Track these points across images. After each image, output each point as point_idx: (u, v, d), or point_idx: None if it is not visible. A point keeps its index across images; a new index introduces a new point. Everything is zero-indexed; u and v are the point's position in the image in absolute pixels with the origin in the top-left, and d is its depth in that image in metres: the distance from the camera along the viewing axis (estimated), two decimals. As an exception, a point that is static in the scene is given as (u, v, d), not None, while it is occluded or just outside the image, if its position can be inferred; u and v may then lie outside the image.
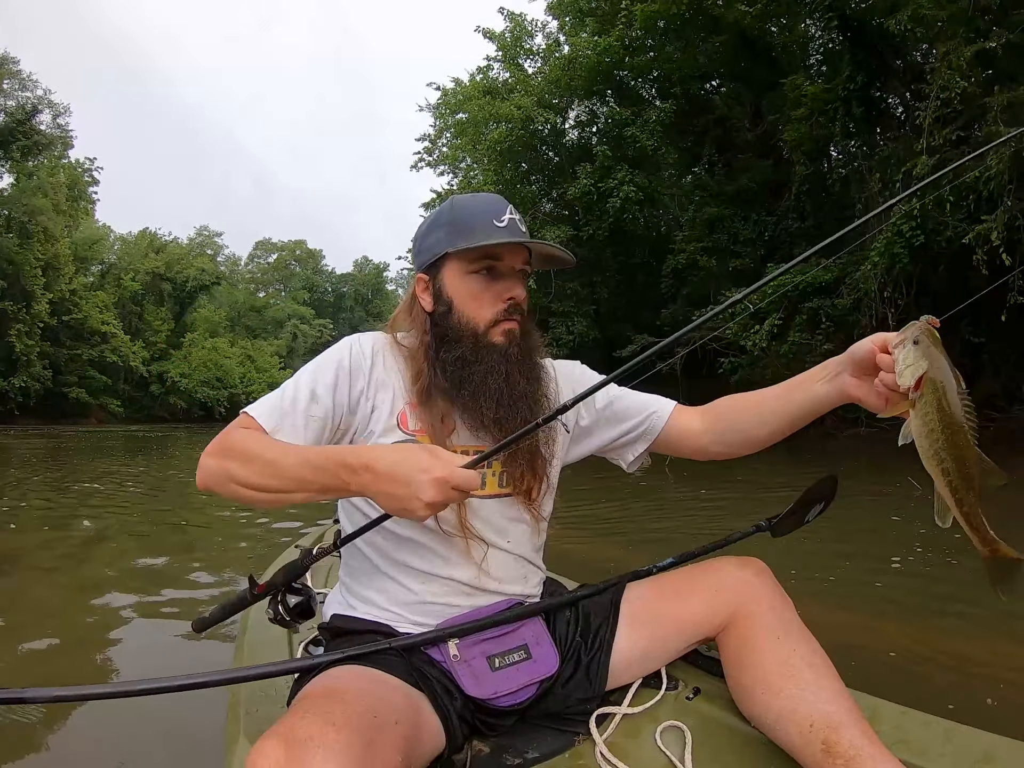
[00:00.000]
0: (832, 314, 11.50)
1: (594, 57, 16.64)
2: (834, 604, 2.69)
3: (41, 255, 35.99)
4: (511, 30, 19.80)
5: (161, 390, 49.11)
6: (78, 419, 39.38)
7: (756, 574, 1.14)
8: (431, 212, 1.26)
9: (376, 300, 76.93)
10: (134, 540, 4.09)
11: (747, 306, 1.27)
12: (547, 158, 19.81)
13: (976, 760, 0.95)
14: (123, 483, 7.47)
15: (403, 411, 1.13)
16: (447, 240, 1.14)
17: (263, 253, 75.12)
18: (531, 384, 1.14)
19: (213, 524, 4.76)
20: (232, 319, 62.90)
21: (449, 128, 21.55)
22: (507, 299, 1.13)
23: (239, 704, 1.13)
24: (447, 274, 1.15)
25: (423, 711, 0.97)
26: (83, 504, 5.46)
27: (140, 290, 49.51)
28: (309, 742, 0.70)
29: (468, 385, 1.10)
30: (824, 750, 0.92)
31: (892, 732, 1.02)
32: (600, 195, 16.18)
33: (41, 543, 4.05)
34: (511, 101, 17.56)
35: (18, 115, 35.86)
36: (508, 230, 1.13)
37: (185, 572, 3.21)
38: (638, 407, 1.32)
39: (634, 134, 15.98)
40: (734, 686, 1.10)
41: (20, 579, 3.10)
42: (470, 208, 1.16)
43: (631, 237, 18.24)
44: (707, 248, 15.44)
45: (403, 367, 1.17)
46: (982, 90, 7.41)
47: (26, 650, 2.15)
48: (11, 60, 35.99)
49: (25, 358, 35.34)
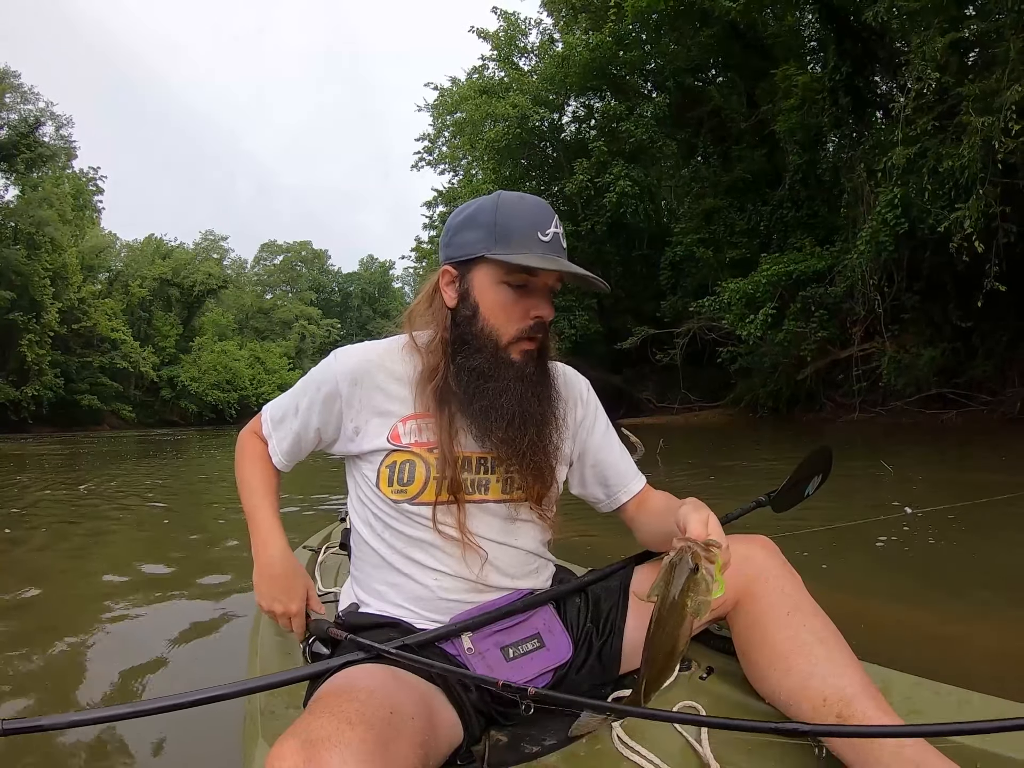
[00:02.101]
0: (826, 302, 11.69)
1: (586, 54, 16.81)
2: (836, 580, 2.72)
3: (49, 265, 36.28)
4: (505, 29, 19.96)
5: (172, 394, 49.49)
6: (91, 426, 39.59)
7: (763, 550, 1.14)
8: (472, 202, 1.17)
9: (383, 298, 76.82)
10: (143, 545, 4.07)
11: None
12: (546, 154, 20.02)
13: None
14: (137, 486, 7.53)
15: (395, 427, 1.13)
16: (485, 242, 1.09)
17: (269, 255, 75.28)
18: (542, 405, 1.13)
19: (228, 524, 4.66)
20: (240, 322, 63.13)
21: (448, 128, 21.72)
22: (534, 317, 1.11)
23: (256, 708, 1.13)
24: (477, 277, 1.11)
25: (439, 705, 0.98)
26: (92, 508, 5.45)
27: (148, 296, 49.93)
28: (326, 742, 0.71)
29: (480, 399, 1.09)
30: (839, 723, 0.94)
31: (905, 703, 1.03)
32: (597, 190, 16.37)
33: (45, 549, 4.02)
34: (507, 100, 17.75)
35: (21, 128, 36.04)
36: (551, 246, 1.09)
37: (196, 576, 3.19)
38: (615, 477, 1.33)
39: (628, 129, 16.14)
40: (746, 664, 1.11)
41: (30, 589, 3.01)
42: (515, 214, 1.10)
43: (631, 229, 18.45)
44: (704, 239, 15.63)
45: (412, 370, 1.15)
46: (954, 79, 7.55)
47: (30, 669, 2.10)
48: (12, 74, 36.21)
49: (37, 367, 35.71)
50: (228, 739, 1.34)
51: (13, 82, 36.14)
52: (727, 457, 8.31)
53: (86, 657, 2.22)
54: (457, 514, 1.11)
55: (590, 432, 1.30)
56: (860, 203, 9.72)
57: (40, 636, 2.39)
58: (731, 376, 15.24)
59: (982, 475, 5.59)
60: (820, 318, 11.73)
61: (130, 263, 51.11)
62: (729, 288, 12.42)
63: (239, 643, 1.82)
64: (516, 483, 1.16)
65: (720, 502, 4.40)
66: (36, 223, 35.62)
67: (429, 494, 1.10)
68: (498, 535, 1.16)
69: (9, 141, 35.56)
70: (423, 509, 1.11)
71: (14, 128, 35.93)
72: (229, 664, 2.00)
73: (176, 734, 1.56)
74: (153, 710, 0.80)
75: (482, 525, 1.14)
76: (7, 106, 35.84)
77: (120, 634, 2.43)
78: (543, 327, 1.13)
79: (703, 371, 16.81)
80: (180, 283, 51.97)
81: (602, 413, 1.35)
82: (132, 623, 2.54)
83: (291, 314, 67.92)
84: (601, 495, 1.34)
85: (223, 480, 7.63)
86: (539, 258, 1.07)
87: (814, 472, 1.53)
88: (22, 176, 36.63)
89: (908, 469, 5.90)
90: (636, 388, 19.83)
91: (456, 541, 1.12)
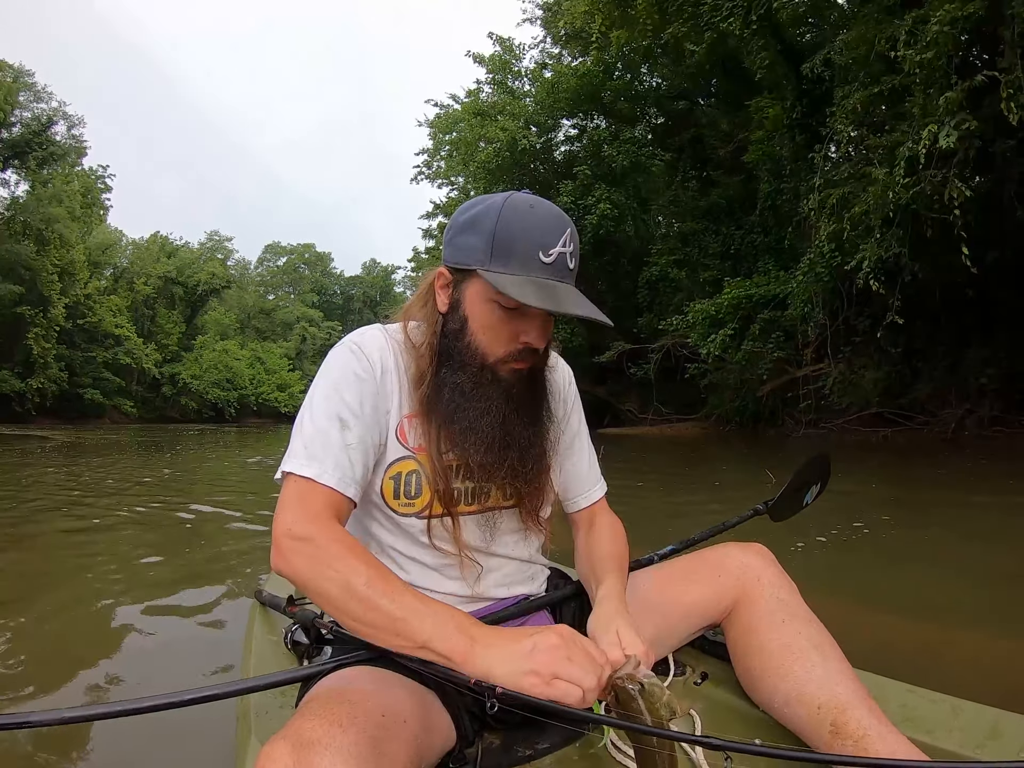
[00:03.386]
0: (783, 324, 12.53)
1: (575, 80, 17.68)
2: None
3: (57, 261, 36.98)
4: (499, 55, 20.88)
5: (173, 391, 50.38)
6: (93, 419, 40.31)
7: (759, 558, 1.14)
8: (481, 199, 1.06)
9: (384, 302, 76.65)
10: (138, 543, 3.97)
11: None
12: (537, 173, 20.84)
13: (984, 735, 0.97)
14: (139, 481, 7.59)
15: (401, 424, 1.07)
16: (481, 254, 0.99)
17: (272, 256, 75.83)
18: (527, 428, 1.06)
19: (226, 525, 4.66)
20: (242, 321, 63.76)
21: (444, 145, 22.52)
22: (523, 342, 1.02)
23: (249, 707, 1.13)
24: (469, 289, 1.03)
25: (432, 708, 0.97)
26: (89, 507, 5.37)
27: (152, 294, 50.78)
28: (317, 744, 0.70)
29: (461, 419, 1.02)
30: (833, 731, 0.93)
31: (900, 710, 1.04)
32: (581, 211, 17.21)
33: (44, 548, 3.96)
34: (498, 124, 18.62)
35: (34, 126, 36.66)
36: (553, 268, 0.99)
37: (191, 576, 3.16)
38: (577, 481, 1.29)
39: (610, 154, 16.98)
40: (741, 670, 1.11)
41: (19, 586, 2.99)
42: (520, 226, 0.99)
43: (616, 246, 19.30)
44: (679, 261, 16.47)
45: (407, 365, 1.09)
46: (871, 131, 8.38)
47: (20, 665, 2.06)
48: (26, 73, 36.79)
49: (42, 360, 36.43)
50: (221, 739, 1.31)
51: (27, 80, 36.54)
52: (701, 468, 8.84)
53: (78, 654, 2.17)
54: (452, 527, 1.08)
55: (563, 431, 1.24)
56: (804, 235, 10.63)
57: (30, 632, 2.37)
58: (702, 391, 16.07)
59: (889, 489, 6.03)
60: (777, 340, 12.58)
61: (135, 260, 51.64)
62: (694, 309, 13.29)
63: (233, 643, 1.78)
64: (504, 493, 1.13)
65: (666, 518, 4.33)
66: (46, 220, 36.09)
67: (436, 507, 1.07)
68: (490, 545, 1.13)
69: (22, 139, 36.05)
70: (421, 523, 1.07)
71: (27, 126, 36.38)
72: (223, 664, 1.95)
73: (168, 733, 1.54)
74: (145, 708, 0.78)
75: (474, 536, 1.11)
76: (21, 104, 36.49)
77: (113, 631, 2.40)
78: (533, 353, 1.04)
79: (679, 385, 17.58)
80: (184, 282, 52.82)
81: (578, 407, 1.30)
82: (125, 621, 2.50)
83: (293, 315, 68.54)
84: (559, 496, 1.29)
85: (224, 480, 7.83)
86: (532, 288, 0.96)
87: (811, 481, 1.51)
88: (33, 173, 37.06)
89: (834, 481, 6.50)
90: (618, 400, 20.57)
91: (452, 555, 1.09)
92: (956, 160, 6.90)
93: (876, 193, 7.66)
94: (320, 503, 0.93)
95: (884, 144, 7.79)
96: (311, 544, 0.88)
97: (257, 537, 4.07)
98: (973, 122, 6.63)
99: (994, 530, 3.93)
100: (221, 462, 11.23)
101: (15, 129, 36.30)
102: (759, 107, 14.58)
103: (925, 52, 6.69)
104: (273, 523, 0.93)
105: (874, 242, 7.92)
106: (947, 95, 6.66)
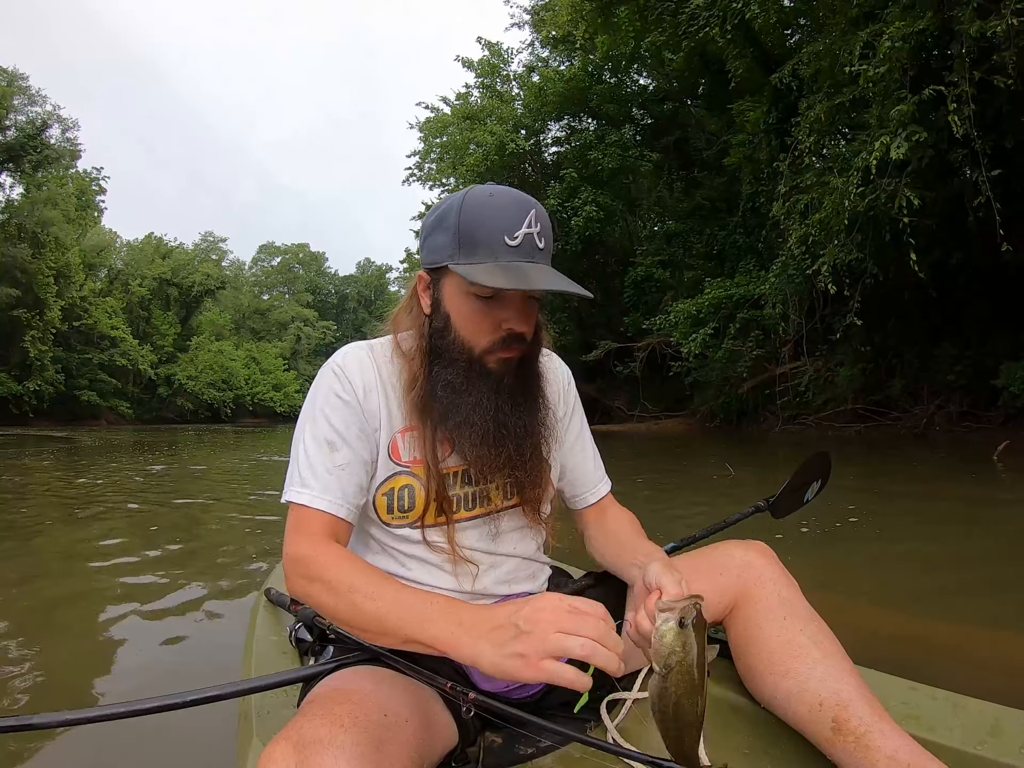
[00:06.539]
0: (762, 323, 12.91)
1: (562, 84, 18.02)
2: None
3: (53, 264, 37.28)
4: (488, 59, 21.21)
5: (169, 392, 50.65)
6: (89, 421, 40.60)
7: (760, 556, 1.14)
8: (445, 199, 1.08)
9: (379, 302, 77.02)
10: (138, 544, 3.96)
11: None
12: (527, 175, 21.15)
13: (985, 732, 0.97)
14: (135, 479, 7.67)
15: (393, 440, 1.07)
16: (449, 250, 1.00)
17: (267, 256, 76.09)
18: (522, 418, 1.05)
19: (224, 523, 4.70)
20: (237, 322, 64.11)
21: (435, 148, 22.80)
22: (506, 329, 1.01)
23: (250, 707, 1.12)
24: (447, 286, 1.04)
25: (434, 707, 0.97)
26: (87, 506, 5.39)
27: (147, 295, 51.06)
28: (319, 744, 0.71)
29: (455, 415, 1.02)
30: (834, 728, 0.93)
31: (901, 707, 1.04)
32: (568, 213, 17.56)
33: (42, 548, 3.95)
34: (486, 128, 18.96)
35: (28, 130, 36.89)
36: (521, 250, 0.98)
37: (191, 576, 3.16)
38: (583, 478, 1.30)
39: (596, 157, 17.32)
40: (742, 667, 1.11)
41: (19, 586, 3.00)
42: (480, 214, 0.99)
43: (605, 246, 19.65)
44: (664, 261, 16.83)
45: (398, 376, 1.09)
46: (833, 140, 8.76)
47: (22, 667, 2.06)
48: (21, 76, 37.02)
49: (39, 363, 36.70)
50: (222, 739, 1.31)
51: (22, 84, 36.70)
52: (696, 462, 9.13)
53: (79, 656, 2.18)
54: (448, 531, 1.08)
55: (565, 431, 1.26)
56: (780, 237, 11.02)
57: (31, 634, 2.37)
58: (687, 388, 16.46)
59: (866, 481, 6.07)
60: (756, 338, 12.97)
61: (130, 262, 52.02)
62: (676, 308, 13.66)
63: (235, 642, 1.78)
64: (505, 493, 1.13)
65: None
66: (41, 222, 36.40)
67: (429, 517, 1.07)
68: (491, 546, 1.13)
69: (16, 142, 36.20)
70: (415, 532, 1.08)
71: (22, 130, 36.60)
72: (224, 664, 1.95)
73: (170, 734, 1.54)
74: (148, 710, 0.78)
75: (474, 539, 1.11)
76: (15, 108, 36.56)
77: (114, 633, 2.40)
78: (519, 338, 1.02)
79: (665, 383, 17.95)
80: (179, 283, 53.07)
81: (579, 408, 1.32)
82: (126, 621, 2.50)
83: (287, 315, 68.77)
84: (566, 493, 1.31)
85: (223, 479, 7.93)
86: (501, 272, 0.95)
87: (812, 477, 1.52)
88: (28, 176, 37.24)
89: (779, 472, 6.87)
90: (608, 397, 20.92)
91: (448, 558, 1.09)
92: (909, 169, 7.31)
93: (834, 201, 8.07)
94: (315, 527, 0.97)
95: (843, 153, 8.15)
96: (303, 563, 0.93)
97: (257, 536, 4.06)
98: (923, 133, 7.00)
99: (969, 521, 4.06)
100: (221, 461, 11.34)
101: (10, 132, 36.46)
102: (740, 110, 14.93)
103: (880, 66, 7.07)
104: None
105: (834, 247, 8.32)
106: (899, 108, 7.05)
